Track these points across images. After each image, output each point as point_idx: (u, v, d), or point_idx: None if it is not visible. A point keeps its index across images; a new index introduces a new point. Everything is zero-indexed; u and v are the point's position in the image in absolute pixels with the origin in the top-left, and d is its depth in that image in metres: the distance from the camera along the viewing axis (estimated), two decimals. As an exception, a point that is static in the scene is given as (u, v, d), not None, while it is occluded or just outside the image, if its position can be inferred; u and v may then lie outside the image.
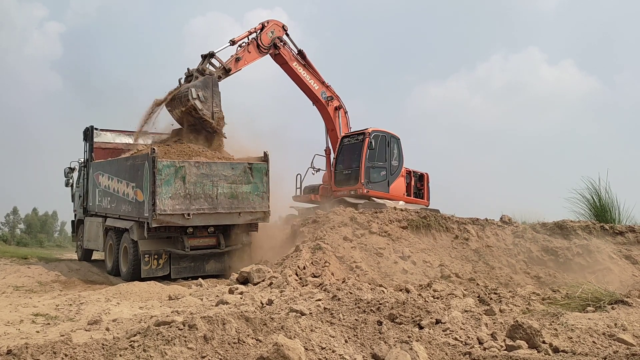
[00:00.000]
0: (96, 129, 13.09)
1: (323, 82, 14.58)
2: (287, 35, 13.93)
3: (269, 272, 8.51)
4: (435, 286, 8.02)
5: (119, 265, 10.97)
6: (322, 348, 4.20)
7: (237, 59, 12.71)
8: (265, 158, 10.93)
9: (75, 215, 15.20)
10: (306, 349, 4.08)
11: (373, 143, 13.26)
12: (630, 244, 11.09)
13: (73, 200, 15.52)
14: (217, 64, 12.39)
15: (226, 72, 12.43)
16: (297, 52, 14.16)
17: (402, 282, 8.67)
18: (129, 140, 13.45)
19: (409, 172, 14.50)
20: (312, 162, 14.85)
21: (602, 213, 13.05)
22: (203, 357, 3.77)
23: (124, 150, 12.92)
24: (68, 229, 19.74)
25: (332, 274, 8.40)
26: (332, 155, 14.68)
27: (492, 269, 9.86)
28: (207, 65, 12.22)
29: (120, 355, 3.74)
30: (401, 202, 13.66)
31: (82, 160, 13.90)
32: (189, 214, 9.79)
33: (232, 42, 12.86)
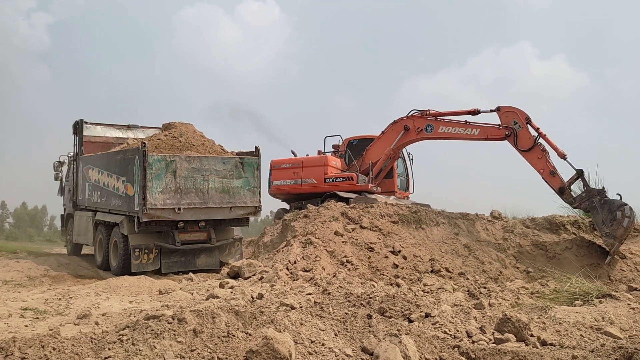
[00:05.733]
0: (86, 122, 12.99)
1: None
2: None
3: (259, 266, 8.52)
4: (425, 280, 8.07)
5: (109, 259, 10.91)
6: (312, 341, 4.20)
7: None
8: (256, 153, 10.91)
9: (64, 209, 15.09)
10: (296, 342, 4.09)
11: None
12: (618, 239, 11.20)
13: (61, 194, 15.41)
14: None
15: None
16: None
17: (392, 276, 8.70)
18: (119, 133, 13.37)
19: None
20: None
21: (591, 208, 13.12)
22: (192, 350, 3.76)
23: (114, 144, 12.84)
24: (58, 223, 19.64)
25: (323, 268, 8.41)
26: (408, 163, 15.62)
27: (482, 264, 9.93)
28: None
29: (109, 349, 3.72)
30: (392, 197, 13.74)
31: (72, 153, 13.79)
32: (179, 209, 9.76)
33: None
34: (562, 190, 10.64)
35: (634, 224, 9.64)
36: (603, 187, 10.64)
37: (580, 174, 10.57)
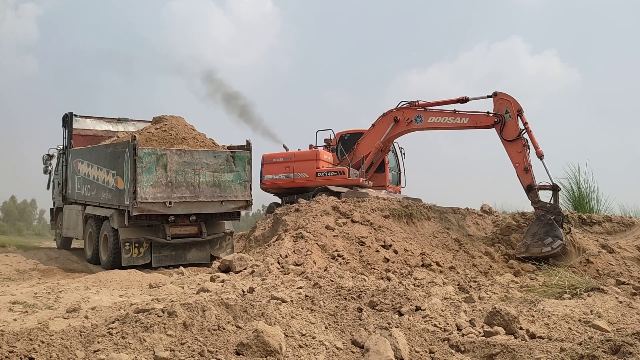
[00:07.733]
0: (75, 115, 12.87)
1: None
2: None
3: (250, 260, 8.51)
4: (416, 274, 8.10)
5: (99, 253, 10.85)
6: (302, 334, 4.21)
7: None
8: (247, 146, 10.86)
9: (54, 202, 14.98)
10: (286, 335, 4.09)
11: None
12: (607, 233, 11.33)
13: (49, 188, 15.30)
14: None
15: None
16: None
17: (383, 270, 8.73)
18: (109, 127, 13.27)
19: None
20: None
21: (580, 202, 13.27)
22: (182, 343, 3.75)
23: (104, 137, 12.74)
24: (47, 217, 19.49)
25: (314, 262, 8.42)
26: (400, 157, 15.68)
27: (472, 258, 9.98)
28: None
29: (98, 342, 3.70)
30: (383, 191, 13.78)
31: (61, 147, 13.68)
32: (170, 202, 9.70)
33: None
34: (530, 189, 10.77)
35: (553, 257, 9.76)
36: (567, 215, 10.98)
37: (555, 189, 10.77)
